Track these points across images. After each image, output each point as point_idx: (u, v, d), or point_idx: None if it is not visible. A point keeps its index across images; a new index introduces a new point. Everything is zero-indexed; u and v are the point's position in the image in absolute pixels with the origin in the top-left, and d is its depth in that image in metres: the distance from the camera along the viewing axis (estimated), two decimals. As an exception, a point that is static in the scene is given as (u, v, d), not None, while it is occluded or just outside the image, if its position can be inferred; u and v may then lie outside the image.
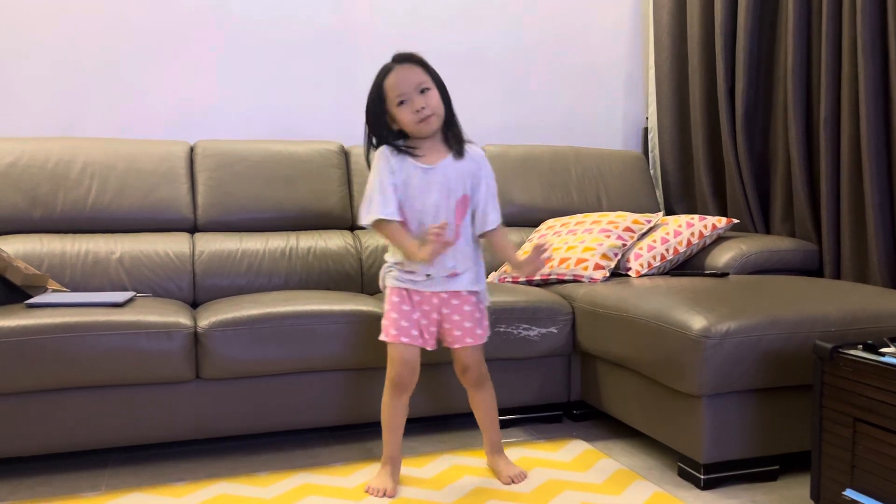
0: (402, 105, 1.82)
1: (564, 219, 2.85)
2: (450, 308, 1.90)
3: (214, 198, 2.70)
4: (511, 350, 2.28)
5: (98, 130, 2.86)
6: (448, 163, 1.87)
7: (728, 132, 3.02)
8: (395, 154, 1.87)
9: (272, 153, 2.80)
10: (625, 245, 2.57)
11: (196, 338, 2.05)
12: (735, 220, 2.74)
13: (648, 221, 2.67)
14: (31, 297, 2.15)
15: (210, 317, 2.07)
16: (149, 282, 2.48)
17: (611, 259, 2.53)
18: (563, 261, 2.55)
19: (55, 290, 2.28)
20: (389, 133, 1.89)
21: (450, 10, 3.28)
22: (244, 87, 3.03)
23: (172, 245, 2.57)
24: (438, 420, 2.40)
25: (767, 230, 3.01)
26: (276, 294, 2.34)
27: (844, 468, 1.59)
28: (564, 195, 3.10)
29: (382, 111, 1.86)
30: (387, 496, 1.85)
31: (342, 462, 2.11)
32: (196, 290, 2.54)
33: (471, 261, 1.93)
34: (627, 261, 2.58)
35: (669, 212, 3.38)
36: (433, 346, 1.90)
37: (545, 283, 2.61)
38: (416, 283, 1.88)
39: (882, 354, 1.54)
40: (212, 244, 2.61)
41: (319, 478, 1.98)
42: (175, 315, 2.05)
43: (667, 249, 2.59)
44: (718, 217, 2.72)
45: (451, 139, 1.89)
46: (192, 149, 2.78)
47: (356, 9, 3.15)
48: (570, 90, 3.48)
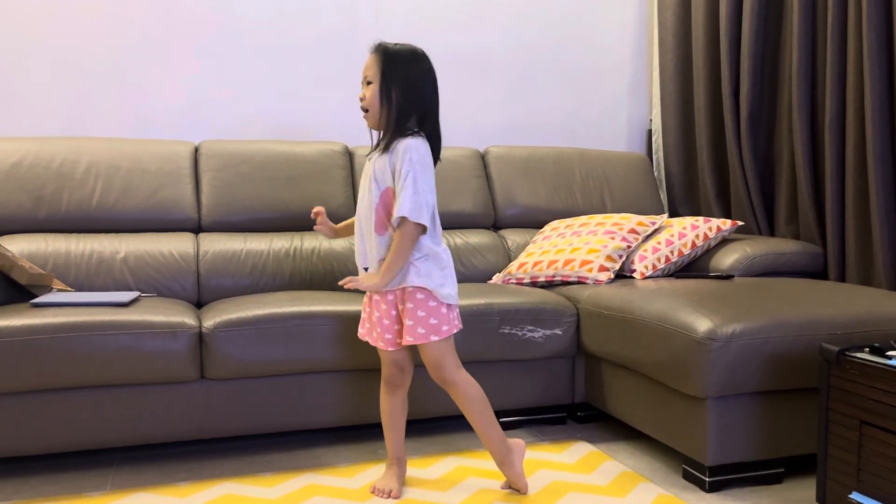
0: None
1: (568, 220, 2.85)
2: (404, 305, 1.81)
3: (219, 198, 2.70)
4: (515, 351, 2.28)
5: (103, 130, 2.86)
6: (376, 155, 1.84)
7: (732, 134, 3.02)
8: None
9: (277, 154, 2.80)
10: (629, 247, 2.57)
11: (201, 338, 2.05)
12: (740, 223, 2.74)
13: (653, 223, 2.67)
14: (36, 297, 2.15)
15: (215, 317, 2.07)
16: (153, 282, 2.48)
17: (615, 261, 2.52)
18: (568, 262, 2.55)
19: (60, 290, 2.28)
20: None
21: (454, 11, 3.28)
22: (248, 88, 3.03)
23: (177, 245, 2.57)
24: (443, 421, 2.40)
25: (772, 232, 3.00)
26: (281, 294, 2.34)
27: (850, 471, 1.59)
28: (568, 197, 3.10)
29: None
30: (392, 497, 1.85)
31: (346, 463, 2.11)
32: (200, 291, 2.54)
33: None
34: (632, 262, 2.57)
35: (673, 214, 3.38)
36: (393, 346, 1.84)
37: (550, 285, 2.60)
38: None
39: (889, 357, 1.54)
40: (216, 244, 2.61)
41: (324, 478, 1.98)
42: (180, 315, 2.05)
43: (671, 251, 2.59)
44: (723, 219, 2.72)
45: (386, 136, 1.83)
46: (197, 149, 2.78)
47: (360, 9, 3.16)
48: (574, 91, 3.48)
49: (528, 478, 1.95)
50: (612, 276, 2.50)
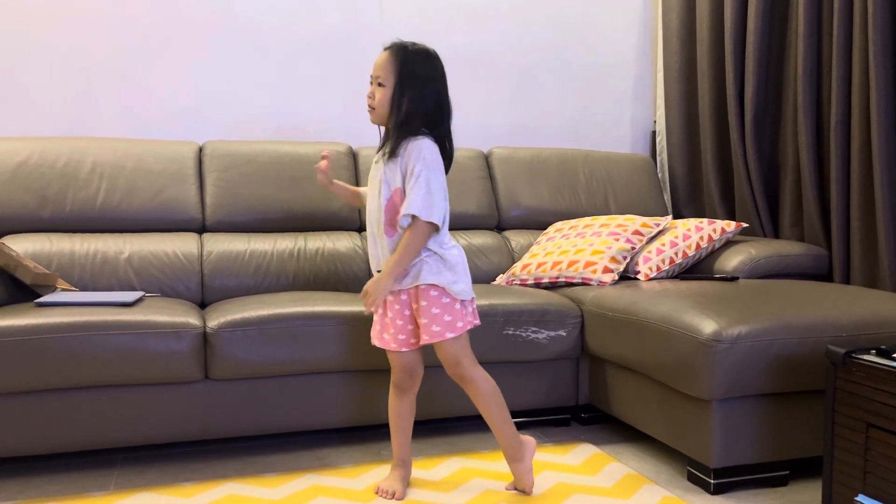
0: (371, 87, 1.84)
1: (572, 221, 2.84)
2: (418, 304, 1.81)
3: (223, 198, 2.70)
4: (520, 353, 2.28)
5: (107, 131, 2.86)
6: (382, 159, 1.84)
7: (737, 136, 3.01)
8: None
9: (281, 154, 2.80)
10: (634, 248, 2.57)
11: (205, 338, 2.05)
12: (744, 224, 2.73)
13: (657, 225, 2.66)
14: (41, 297, 2.15)
15: (219, 317, 2.07)
16: (157, 282, 2.48)
17: (620, 262, 2.52)
18: (572, 264, 2.54)
19: (64, 290, 2.28)
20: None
21: (458, 12, 3.28)
22: (252, 88, 3.03)
23: (181, 245, 2.57)
24: (448, 423, 2.40)
25: (776, 234, 3.00)
26: (285, 295, 2.34)
27: (857, 474, 1.58)
28: (572, 198, 3.09)
29: None
30: (395, 498, 1.85)
31: (350, 464, 2.11)
32: (204, 291, 2.54)
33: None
34: (636, 264, 2.57)
35: (677, 215, 3.38)
36: (409, 346, 1.84)
37: (553, 286, 2.60)
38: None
39: (895, 360, 1.53)
40: (220, 245, 2.61)
41: (328, 479, 1.98)
42: (184, 315, 2.05)
43: (676, 253, 2.59)
44: (727, 221, 2.71)
45: (393, 139, 1.81)
46: (201, 149, 2.78)
47: (364, 10, 3.16)
48: (578, 93, 3.47)
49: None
50: (616, 278, 2.50)
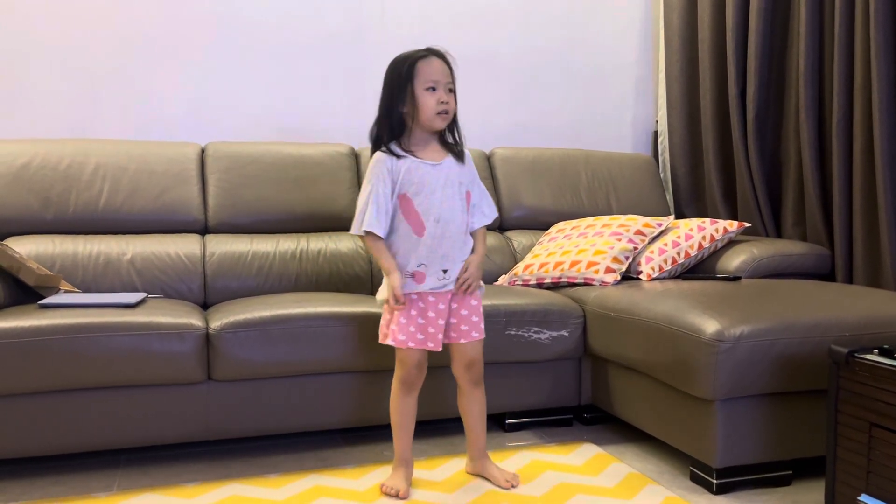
0: (430, 91, 1.85)
1: (574, 222, 2.84)
2: (458, 302, 1.91)
3: (225, 199, 2.70)
4: (522, 353, 2.28)
5: (110, 132, 2.87)
6: (450, 162, 1.91)
7: (739, 135, 3.01)
8: (395, 159, 1.87)
9: (283, 155, 2.80)
10: (636, 248, 2.57)
11: (208, 339, 2.05)
12: (746, 224, 2.73)
13: (659, 225, 2.66)
14: (44, 298, 2.16)
15: (221, 318, 2.07)
16: (160, 283, 2.49)
17: (622, 262, 2.52)
18: (574, 264, 2.54)
19: (67, 291, 2.29)
20: (393, 119, 1.89)
21: (460, 13, 3.28)
22: (254, 89, 3.04)
23: (183, 246, 2.58)
24: (449, 423, 2.39)
25: (779, 234, 2.99)
26: (287, 296, 2.34)
27: (860, 473, 1.58)
28: (574, 198, 3.09)
29: (404, 87, 1.86)
30: (399, 497, 1.85)
31: (353, 464, 2.11)
32: (207, 292, 2.54)
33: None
34: (638, 264, 2.57)
35: (680, 215, 3.37)
36: (440, 348, 1.90)
37: (556, 287, 2.60)
38: (420, 287, 1.87)
39: (898, 359, 1.53)
40: (222, 246, 2.62)
41: (331, 479, 1.98)
42: (187, 316, 2.05)
43: (678, 253, 2.59)
44: (730, 221, 2.71)
45: (454, 141, 1.94)
46: (204, 150, 2.79)
47: (366, 11, 3.16)
48: (580, 93, 3.47)
49: (535, 480, 1.97)
50: (619, 278, 2.50)
